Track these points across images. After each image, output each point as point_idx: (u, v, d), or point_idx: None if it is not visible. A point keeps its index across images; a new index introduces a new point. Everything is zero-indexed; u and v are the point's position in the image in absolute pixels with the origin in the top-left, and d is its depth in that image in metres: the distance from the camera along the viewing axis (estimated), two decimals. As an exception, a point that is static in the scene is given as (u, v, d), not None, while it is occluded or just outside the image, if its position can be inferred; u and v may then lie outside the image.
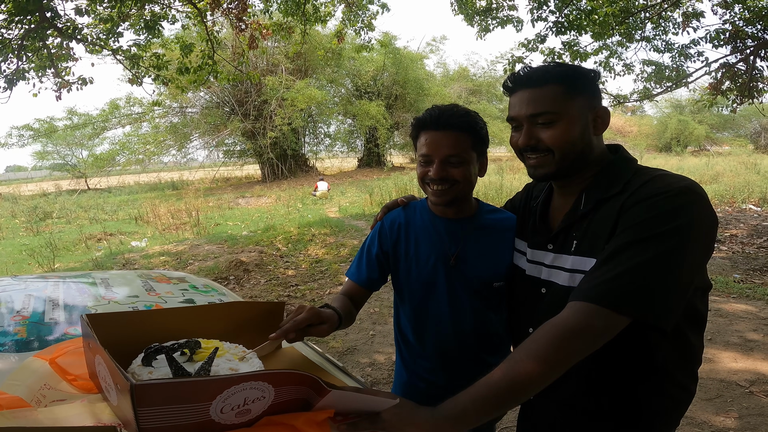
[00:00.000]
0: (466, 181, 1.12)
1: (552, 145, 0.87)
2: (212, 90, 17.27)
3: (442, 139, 1.09)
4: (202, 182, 18.87)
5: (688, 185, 0.78)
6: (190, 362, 0.69)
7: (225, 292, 1.51)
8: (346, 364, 3.13)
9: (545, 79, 0.88)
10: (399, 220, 1.24)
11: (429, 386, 1.25)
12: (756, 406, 2.37)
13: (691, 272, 0.76)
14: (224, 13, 6.36)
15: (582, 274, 0.84)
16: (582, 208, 0.89)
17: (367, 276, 1.23)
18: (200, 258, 6.22)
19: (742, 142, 27.99)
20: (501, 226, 1.20)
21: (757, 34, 5.65)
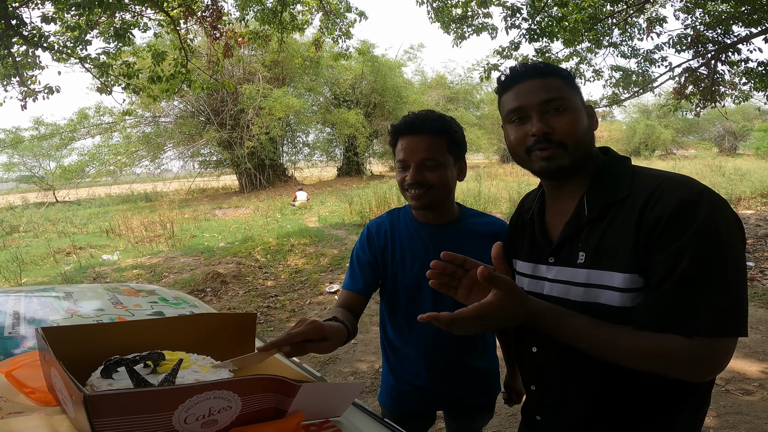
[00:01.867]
0: (442, 185, 1.12)
1: (566, 133, 0.83)
2: (186, 99, 16.96)
3: (418, 143, 1.11)
4: (177, 193, 18.46)
5: (702, 186, 0.76)
6: (153, 374, 0.66)
7: (197, 304, 1.46)
8: (328, 373, 3.07)
9: (548, 71, 0.87)
10: (385, 226, 1.24)
11: (415, 390, 1.27)
12: (733, 404, 2.42)
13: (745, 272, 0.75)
14: (198, 21, 6.26)
15: (601, 288, 0.79)
16: (587, 214, 0.83)
17: (363, 283, 1.22)
18: (175, 270, 6.04)
19: (707, 145, 29.27)
20: (485, 231, 1.20)
21: (717, 39, 5.89)
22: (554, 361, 0.90)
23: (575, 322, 0.78)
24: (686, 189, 0.74)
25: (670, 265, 0.72)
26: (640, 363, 0.74)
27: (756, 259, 5.27)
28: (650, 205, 0.75)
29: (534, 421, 0.98)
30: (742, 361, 2.87)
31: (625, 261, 0.77)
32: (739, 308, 0.71)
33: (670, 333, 0.72)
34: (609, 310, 0.79)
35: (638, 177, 0.82)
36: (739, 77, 6.86)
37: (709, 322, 0.70)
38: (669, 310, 0.72)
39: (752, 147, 23.58)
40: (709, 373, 0.74)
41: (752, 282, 4.54)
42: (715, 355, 0.71)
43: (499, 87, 0.93)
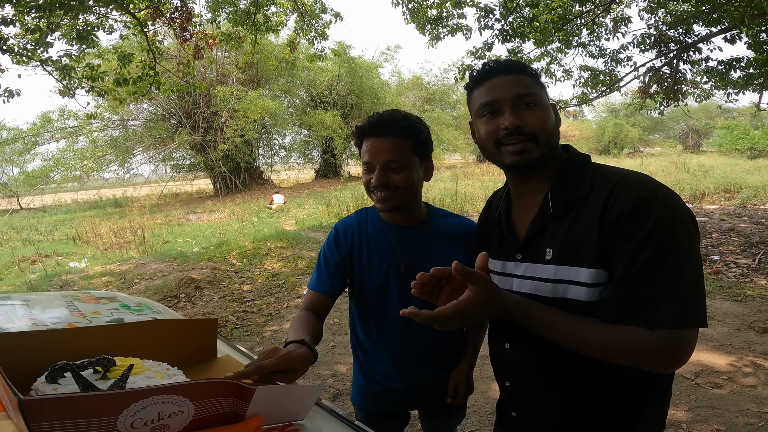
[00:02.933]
0: (408, 186, 1.10)
1: (537, 127, 0.85)
2: (156, 101, 16.49)
3: (382, 144, 1.09)
4: (149, 199, 17.91)
5: (656, 183, 0.79)
6: (103, 380, 0.62)
7: (161, 310, 1.39)
8: (307, 376, 3.02)
9: (519, 68, 0.89)
10: (352, 227, 1.23)
11: (386, 390, 1.26)
12: (704, 398, 2.46)
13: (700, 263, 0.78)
14: (167, 23, 6.10)
15: (568, 284, 0.82)
16: (552, 211, 0.86)
17: (329, 284, 1.21)
18: (147, 277, 5.85)
19: (672, 143, 30.47)
20: (453, 232, 1.20)
21: (679, 38, 6.11)
22: (526, 357, 0.92)
23: (545, 314, 0.80)
24: (642, 186, 0.78)
25: (630, 260, 0.75)
26: (606, 354, 0.76)
27: (721, 253, 5.49)
28: (610, 203, 0.78)
29: (509, 418, 0.98)
30: (711, 355, 2.94)
31: (590, 257, 0.79)
32: (698, 299, 0.74)
33: (633, 325, 0.74)
34: (576, 305, 0.81)
35: (598, 175, 0.85)
36: (700, 76, 7.15)
37: (669, 313, 0.72)
38: (631, 303, 0.75)
39: (715, 144, 24.68)
40: (673, 364, 0.76)
41: (718, 275, 4.71)
42: (677, 346, 0.73)
43: (471, 82, 0.93)
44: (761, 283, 4.40)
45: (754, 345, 3.03)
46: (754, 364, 2.78)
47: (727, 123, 24.09)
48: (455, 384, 1.25)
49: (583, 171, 0.87)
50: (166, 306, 5.06)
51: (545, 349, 0.86)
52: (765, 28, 5.50)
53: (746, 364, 2.80)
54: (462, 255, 1.16)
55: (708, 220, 7.27)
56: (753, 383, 2.56)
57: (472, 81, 0.93)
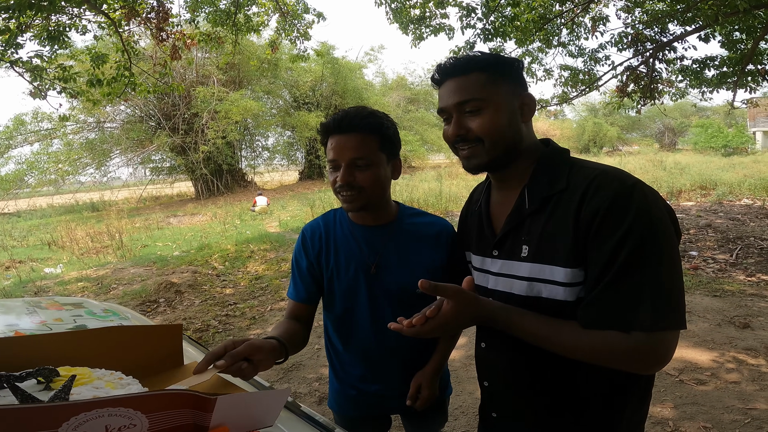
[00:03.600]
0: (375, 185, 1.07)
1: (481, 133, 0.83)
2: (134, 103, 16.14)
3: (347, 142, 1.05)
4: (127, 202, 17.50)
5: (634, 179, 0.77)
6: (46, 391, 0.56)
7: (129, 316, 1.32)
8: (292, 380, 2.95)
9: (469, 68, 0.85)
10: (319, 231, 1.19)
11: (359, 394, 1.23)
12: (689, 395, 2.46)
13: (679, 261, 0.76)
14: (143, 23, 5.95)
15: (543, 283, 0.80)
16: (527, 207, 0.83)
17: (305, 291, 1.19)
18: (125, 282, 5.68)
19: (649, 141, 31.24)
20: (424, 231, 1.16)
21: (655, 37, 6.22)
22: (502, 357, 0.91)
23: (524, 320, 0.79)
24: (619, 182, 0.75)
25: (608, 261, 0.72)
26: (587, 358, 0.75)
27: (699, 249, 5.60)
28: (587, 199, 0.76)
29: (490, 419, 0.97)
30: (693, 351, 2.96)
31: (565, 255, 0.77)
32: (676, 301, 0.71)
33: (611, 330, 0.72)
34: (552, 304, 0.79)
35: (575, 170, 0.82)
36: (675, 75, 7.30)
37: (647, 316, 0.70)
38: (608, 307, 0.73)
39: (690, 142, 25.37)
40: (653, 366, 0.74)
41: (696, 271, 4.80)
42: (656, 349, 0.71)
43: (433, 85, 0.93)
44: (739, 278, 4.50)
45: (735, 340, 3.07)
46: (737, 360, 2.80)
47: (701, 121, 24.80)
48: (417, 384, 1.17)
49: (561, 166, 0.84)
50: (145, 311, 4.91)
51: (520, 350, 0.85)
52: (738, 27, 5.65)
53: (728, 359, 2.82)
54: (433, 255, 1.14)
55: (685, 216, 7.44)
56: (736, 379, 2.58)
57: (433, 83, 0.92)
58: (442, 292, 0.76)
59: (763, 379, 2.55)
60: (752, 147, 22.89)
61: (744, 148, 21.90)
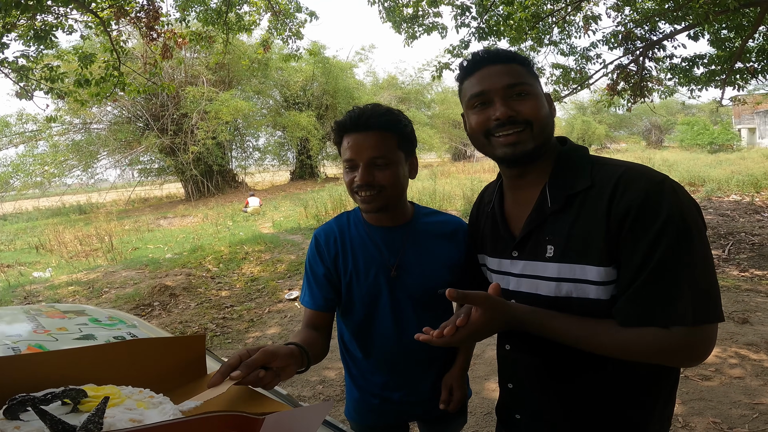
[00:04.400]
0: (395, 184, 1.03)
1: (531, 116, 0.82)
2: (121, 104, 15.89)
3: (366, 140, 1.01)
4: (115, 204, 17.24)
5: (662, 175, 0.76)
6: (74, 413, 0.51)
7: (137, 323, 1.27)
8: (295, 384, 2.91)
9: (510, 58, 0.85)
10: (333, 234, 1.14)
11: (383, 402, 1.19)
12: (695, 391, 2.48)
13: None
14: (132, 22, 5.85)
15: (574, 282, 0.78)
16: (550, 205, 0.82)
17: (322, 298, 1.14)
18: (117, 285, 5.57)
19: (636, 139, 31.68)
20: (441, 231, 1.14)
21: (645, 36, 6.28)
22: (527, 359, 0.89)
23: (556, 323, 0.78)
24: (648, 179, 0.74)
25: (643, 259, 0.72)
26: (624, 355, 0.75)
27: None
28: (617, 197, 0.75)
29: (513, 420, 0.95)
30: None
31: (597, 254, 0.75)
32: (713, 293, 0.71)
33: (652, 326, 0.72)
34: (582, 303, 0.78)
35: (598, 167, 0.81)
36: (664, 73, 7.38)
37: (687, 311, 0.69)
38: (646, 304, 0.72)
39: (676, 140, 25.77)
40: (696, 360, 0.74)
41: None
42: (698, 343, 0.71)
43: (461, 73, 0.89)
44: (733, 273, 4.56)
45: (735, 336, 3.10)
46: (739, 355, 2.83)
47: (687, 119, 25.18)
48: (448, 386, 1.16)
49: (581, 163, 0.83)
50: (139, 315, 4.84)
51: (548, 350, 0.83)
52: (727, 25, 5.72)
53: (731, 355, 2.84)
54: (451, 253, 1.12)
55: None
56: (740, 374, 2.60)
57: (462, 72, 0.89)
58: (471, 300, 0.74)
59: (767, 374, 2.58)
60: (738, 144, 23.32)
61: (730, 144, 22.30)
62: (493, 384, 2.64)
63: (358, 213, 1.16)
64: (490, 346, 3.05)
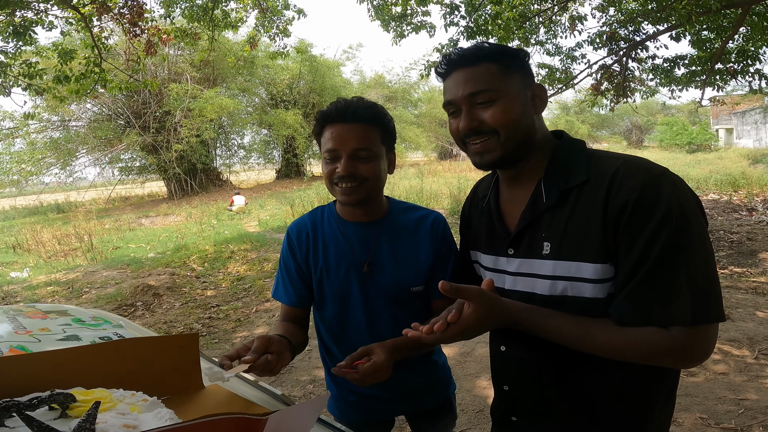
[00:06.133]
0: (376, 178, 1.03)
1: (495, 124, 0.79)
2: (101, 101, 15.51)
3: (350, 131, 1.00)
4: (95, 203, 16.82)
5: (661, 168, 0.73)
6: (63, 419, 0.48)
7: (123, 323, 1.22)
8: (285, 383, 2.87)
9: (478, 57, 0.81)
10: (306, 229, 1.13)
11: (360, 399, 1.18)
12: (681, 386, 2.50)
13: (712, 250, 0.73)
14: (114, 18, 5.72)
15: (569, 280, 0.76)
16: (545, 201, 0.79)
17: (296, 294, 1.13)
18: (98, 285, 5.43)
19: (618, 138, 32.30)
20: (417, 226, 1.12)
21: (629, 36, 6.38)
22: (523, 360, 0.87)
23: (552, 321, 0.76)
24: (646, 172, 0.72)
25: (640, 256, 0.69)
26: (621, 356, 0.72)
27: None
28: (613, 191, 0.72)
29: (509, 422, 0.93)
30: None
31: (594, 251, 0.73)
32: (714, 292, 0.69)
33: (649, 326, 0.69)
34: (579, 302, 0.76)
35: (595, 160, 0.78)
36: (647, 73, 7.52)
37: (686, 311, 0.67)
38: (644, 303, 0.69)
39: (656, 139, 26.35)
40: (696, 360, 0.71)
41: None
42: (698, 343, 0.69)
43: (438, 77, 0.89)
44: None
45: (718, 332, 3.16)
46: (722, 351, 2.88)
47: (667, 119, 25.78)
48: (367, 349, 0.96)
49: (578, 158, 0.80)
50: (122, 315, 4.72)
51: (544, 351, 0.81)
52: (708, 26, 5.85)
53: (714, 351, 2.86)
54: (429, 248, 1.10)
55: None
56: (724, 370, 2.65)
57: (438, 76, 0.88)
58: (464, 294, 0.72)
59: (750, 370, 2.63)
60: (715, 144, 23.98)
61: (708, 144, 22.91)
62: (484, 381, 2.64)
63: (333, 208, 1.15)
64: (480, 343, 3.06)
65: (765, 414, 2.21)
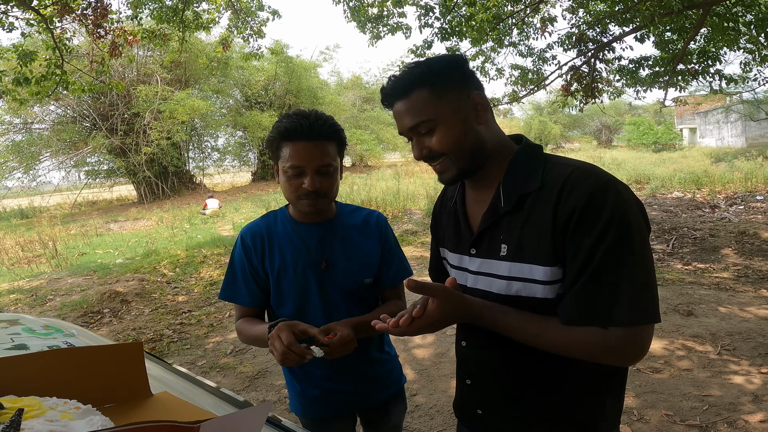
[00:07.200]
0: (335, 189, 1.12)
1: (441, 150, 0.83)
2: (65, 102, 14.95)
3: (314, 149, 1.06)
4: (60, 208, 16.14)
5: (608, 175, 0.77)
6: None
7: (76, 332, 1.19)
8: (259, 388, 2.81)
9: (408, 87, 0.82)
10: (260, 232, 1.19)
11: (324, 393, 1.22)
12: (647, 384, 2.54)
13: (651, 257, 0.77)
14: (77, 19, 5.53)
15: (522, 281, 0.80)
16: (503, 205, 0.83)
17: (249, 295, 1.19)
18: (63, 293, 5.21)
19: (588, 138, 33.25)
20: (363, 224, 1.22)
21: (596, 38, 6.57)
22: (482, 356, 0.91)
23: (508, 318, 0.80)
24: (594, 180, 0.75)
25: (585, 259, 0.73)
26: (570, 354, 0.77)
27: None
28: (563, 198, 0.76)
29: (475, 414, 0.96)
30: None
31: (545, 254, 0.77)
32: (650, 295, 0.73)
33: (591, 326, 0.74)
34: (532, 302, 0.80)
35: (550, 166, 0.82)
36: (613, 74, 7.75)
37: (624, 312, 0.72)
38: (586, 304, 0.74)
39: (624, 139, 27.27)
40: (632, 359, 0.76)
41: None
42: (634, 343, 0.73)
43: (384, 108, 0.93)
44: (677, 266, 4.82)
45: (681, 328, 3.22)
46: (686, 347, 2.94)
47: (634, 119, 26.70)
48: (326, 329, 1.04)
49: (535, 163, 0.84)
50: (88, 323, 4.52)
51: (502, 346, 0.85)
52: (670, 27, 6.07)
53: (678, 347, 2.95)
54: (374, 245, 1.21)
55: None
56: (688, 366, 2.70)
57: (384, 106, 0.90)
58: (428, 291, 0.76)
59: (713, 366, 2.69)
60: (680, 143, 24.99)
61: (672, 144, 23.85)
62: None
63: (285, 211, 1.21)
64: (455, 343, 3.07)
65: (729, 410, 2.24)
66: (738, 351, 2.83)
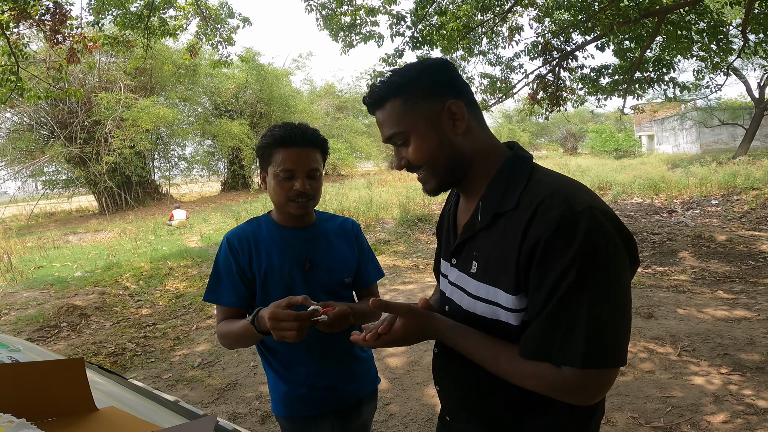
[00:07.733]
0: (321, 192, 1.24)
1: (417, 162, 0.81)
2: (21, 110, 14.23)
3: (307, 154, 1.17)
4: (16, 219, 15.30)
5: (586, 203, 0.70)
6: None
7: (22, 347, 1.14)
8: (229, 400, 2.71)
9: (381, 98, 0.81)
10: (246, 236, 1.25)
11: (311, 390, 1.25)
12: (613, 386, 2.59)
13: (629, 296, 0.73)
14: (35, 25, 5.31)
15: (487, 303, 0.78)
16: (479, 222, 0.80)
17: (236, 295, 1.22)
18: (18, 307, 4.90)
19: (555, 146, 34.38)
20: (340, 230, 1.33)
21: (561, 46, 6.81)
22: (452, 364, 0.90)
23: (465, 342, 0.80)
24: (567, 207, 0.69)
25: (548, 293, 0.69)
26: (521, 385, 0.76)
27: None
28: (533, 225, 0.71)
29: (445, 422, 0.96)
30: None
31: (509, 281, 0.74)
32: (614, 338, 0.68)
33: (543, 362, 0.71)
34: (496, 325, 0.78)
35: (531, 185, 0.76)
36: (576, 83, 8.05)
37: (578, 353, 0.67)
38: (542, 339, 0.71)
39: (588, 146, 28.34)
40: (582, 401, 0.72)
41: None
42: (585, 386, 0.69)
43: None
44: (637, 270, 5.00)
45: (643, 330, 3.29)
46: (647, 350, 3.00)
47: (596, 127, 27.80)
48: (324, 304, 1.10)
49: (518, 179, 0.78)
50: (44, 337, 4.29)
51: (467, 360, 0.82)
52: (628, 36, 6.36)
53: (641, 349, 3.01)
54: (351, 248, 1.31)
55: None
56: (651, 368, 2.75)
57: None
58: (393, 310, 0.79)
59: (674, 367, 2.75)
60: (639, 150, 26.17)
61: (632, 151, 24.94)
62: (431, 390, 2.63)
63: (269, 217, 1.29)
64: (427, 352, 3.06)
65: (691, 411, 2.28)
66: (697, 352, 2.91)
